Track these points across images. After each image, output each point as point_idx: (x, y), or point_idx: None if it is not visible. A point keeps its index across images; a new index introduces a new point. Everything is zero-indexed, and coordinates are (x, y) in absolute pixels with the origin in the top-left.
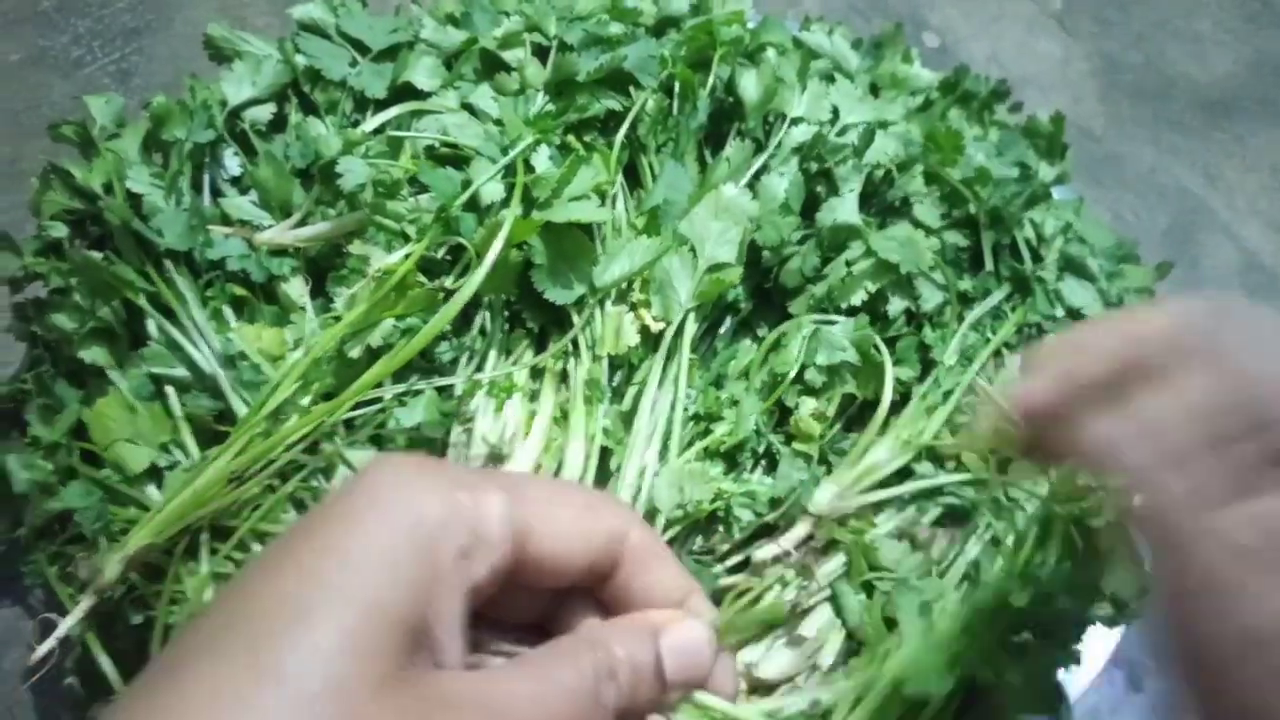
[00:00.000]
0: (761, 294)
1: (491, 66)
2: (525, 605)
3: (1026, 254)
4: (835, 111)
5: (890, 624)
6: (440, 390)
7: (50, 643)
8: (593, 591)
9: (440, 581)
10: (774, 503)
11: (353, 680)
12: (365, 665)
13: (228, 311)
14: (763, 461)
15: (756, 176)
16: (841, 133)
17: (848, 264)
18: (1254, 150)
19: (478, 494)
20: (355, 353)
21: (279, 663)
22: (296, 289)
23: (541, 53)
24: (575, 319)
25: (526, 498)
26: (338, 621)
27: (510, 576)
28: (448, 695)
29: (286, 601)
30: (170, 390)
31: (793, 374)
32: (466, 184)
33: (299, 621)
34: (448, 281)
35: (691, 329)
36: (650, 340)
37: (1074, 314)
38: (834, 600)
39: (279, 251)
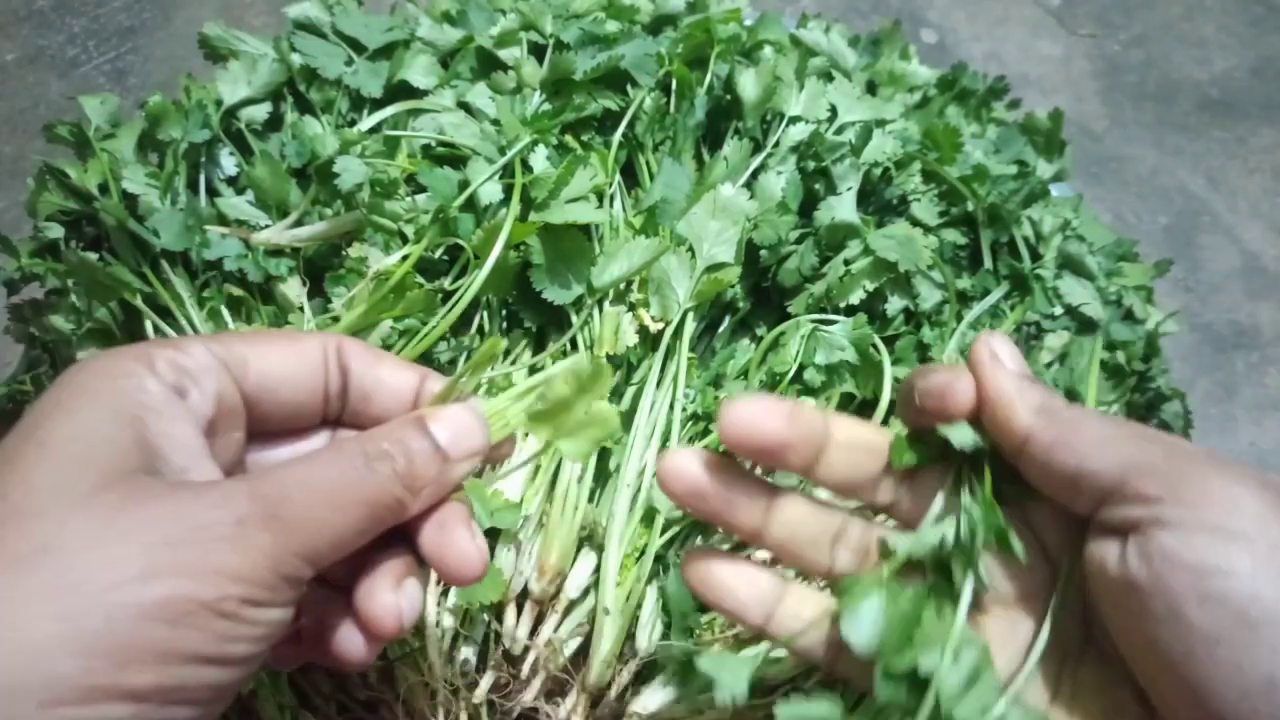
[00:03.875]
0: (760, 293)
1: (488, 65)
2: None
3: (1025, 252)
4: (833, 110)
5: None
6: None
7: None
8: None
9: (155, 411)
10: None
11: (67, 488)
12: (79, 474)
13: (225, 312)
14: None
15: (754, 175)
16: (839, 131)
17: (846, 263)
18: (1256, 152)
19: (176, 343)
20: None
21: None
22: (294, 289)
23: (538, 51)
24: (573, 319)
25: (228, 338)
26: (42, 447)
27: (251, 411)
28: (199, 484)
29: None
30: None
31: (791, 373)
32: (464, 185)
33: (7, 465)
34: (445, 282)
35: (690, 328)
36: (648, 340)
37: (1073, 312)
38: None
39: (276, 251)
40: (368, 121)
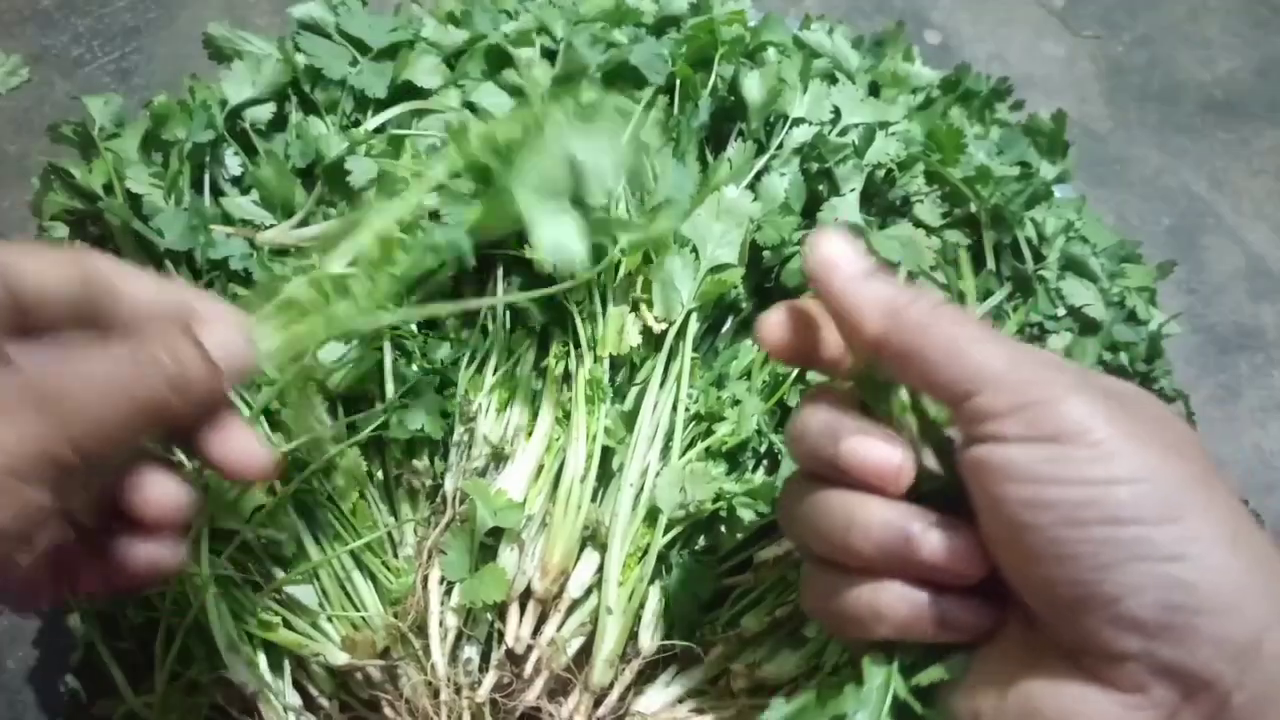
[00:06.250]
0: (763, 294)
1: (498, 64)
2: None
3: (1028, 253)
4: (836, 112)
5: None
6: (442, 390)
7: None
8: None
9: None
10: (776, 503)
11: None
12: None
13: None
14: (764, 461)
15: (757, 177)
16: (842, 133)
17: None
18: (1260, 154)
19: None
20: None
21: None
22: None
23: (548, 55)
24: (577, 319)
25: None
26: None
27: (21, 316)
28: None
29: None
30: None
31: (794, 374)
32: None
33: None
34: None
35: (693, 329)
36: (652, 340)
37: (1075, 313)
38: None
39: (281, 251)
40: (372, 122)
